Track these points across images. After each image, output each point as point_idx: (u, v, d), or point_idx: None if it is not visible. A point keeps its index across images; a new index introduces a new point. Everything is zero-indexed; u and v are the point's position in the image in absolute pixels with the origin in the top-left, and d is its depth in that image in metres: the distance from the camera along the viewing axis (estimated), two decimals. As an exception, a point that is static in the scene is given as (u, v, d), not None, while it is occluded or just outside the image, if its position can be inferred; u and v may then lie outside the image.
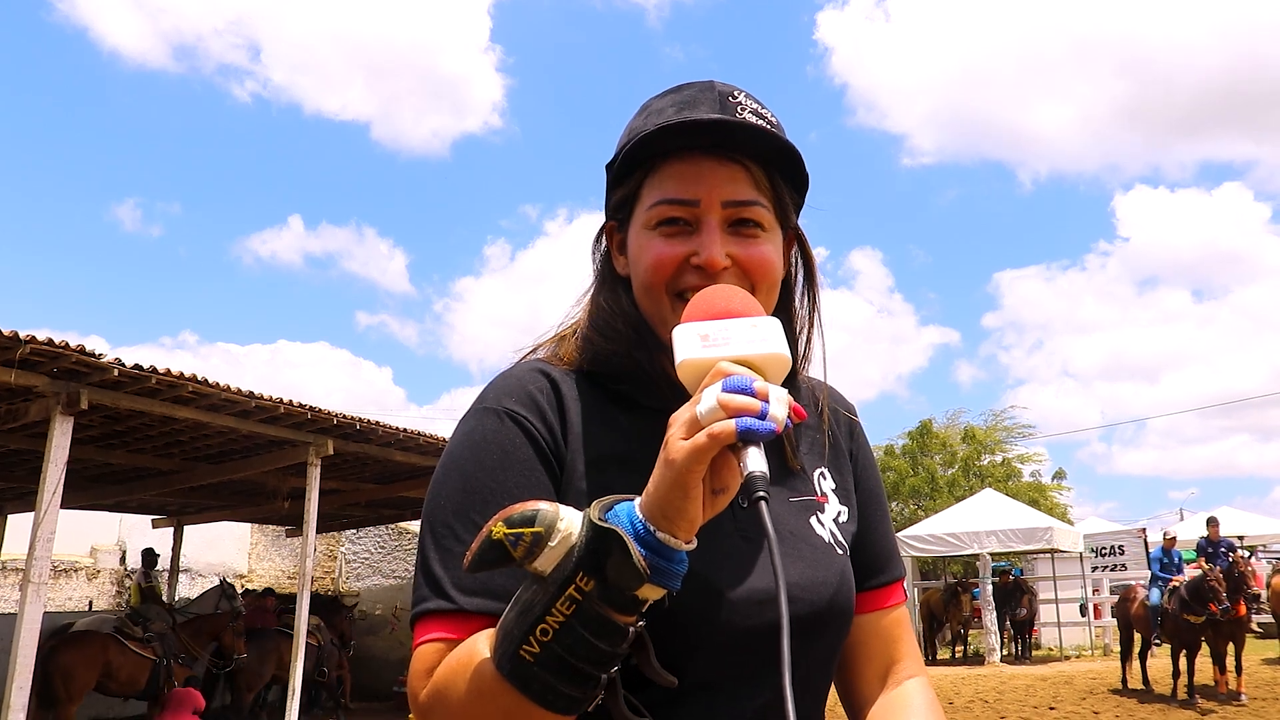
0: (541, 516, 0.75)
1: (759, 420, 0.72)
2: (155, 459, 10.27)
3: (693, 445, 0.72)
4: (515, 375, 1.02)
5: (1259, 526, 22.50)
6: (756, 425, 0.72)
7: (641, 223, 1.01)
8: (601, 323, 1.04)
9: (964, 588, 17.41)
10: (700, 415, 0.73)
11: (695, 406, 0.75)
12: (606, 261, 1.10)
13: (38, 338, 6.46)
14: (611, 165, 1.05)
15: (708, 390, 0.75)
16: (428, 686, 0.85)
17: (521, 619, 0.75)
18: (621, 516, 0.74)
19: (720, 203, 0.97)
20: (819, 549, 1.01)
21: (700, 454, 0.72)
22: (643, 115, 1.03)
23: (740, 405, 0.73)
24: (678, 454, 0.72)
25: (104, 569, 17.36)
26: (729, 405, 0.73)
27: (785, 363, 0.81)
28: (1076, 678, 13.64)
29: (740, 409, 0.73)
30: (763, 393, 0.74)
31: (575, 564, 0.73)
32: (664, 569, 0.73)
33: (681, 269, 0.97)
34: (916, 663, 1.11)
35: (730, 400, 0.73)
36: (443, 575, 0.90)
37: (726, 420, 0.72)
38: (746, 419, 0.72)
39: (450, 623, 0.88)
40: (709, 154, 0.98)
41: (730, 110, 0.97)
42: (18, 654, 6.60)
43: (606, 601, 0.73)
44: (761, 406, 0.73)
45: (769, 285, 1.00)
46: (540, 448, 0.95)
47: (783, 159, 1.00)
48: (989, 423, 28.77)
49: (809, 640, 0.96)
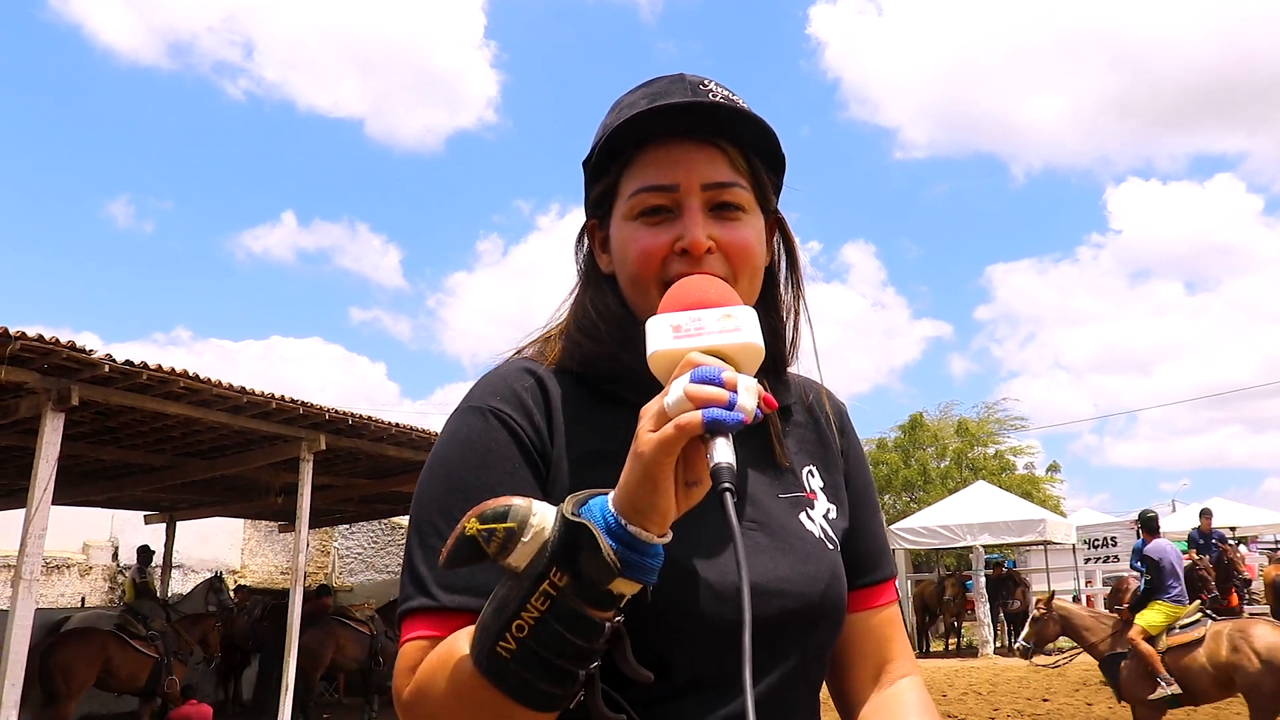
0: (514, 512, 0.74)
1: (726, 410, 0.72)
2: (147, 455, 10.23)
3: (660, 437, 0.72)
4: (501, 374, 1.01)
5: (1251, 517, 22.60)
6: (723, 416, 0.71)
7: (622, 214, 1.00)
8: (587, 323, 1.04)
9: (955, 580, 17.52)
10: (668, 407, 0.73)
11: (664, 398, 0.74)
12: (590, 261, 1.09)
13: (28, 334, 6.42)
14: (588, 162, 1.04)
15: (676, 381, 0.75)
16: (410, 684, 0.85)
17: (497, 615, 0.75)
18: (594, 510, 0.74)
19: (700, 185, 0.96)
20: (810, 543, 1.00)
21: (667, 446, 0.71)
22: (615, 110, 1.03)
23: (707, 396, 0.72)
24: (645, 446, 0.72)
25: (96, 565, 17.29)
26: (696, 396, 0.72)
27: (758, 352, 0.81)
28: (1070, 669, 13.68)
29: (707, 399, 0.72)
30: (731, 383, 0.74)
31: (548, 559, 0.73)
32: (636, 563, 0.72)
33: (668, 258, 0.96)
34: (909, 661, 1.11)
35: (697, 391, 0.72)
36: (426, 573, 0.89)
37: (694, 411, 0.72)
38: (714, 409, 0.72)
39: (433, 620, 0.87)
40: (684, 139, 0.97)
41: (702, 96, 0.98)
42: (9, 651, 6.58)
43: (580, 596, 0.73)
44: (730, 397, 0.73)
45: (752, 269, 0.99)
46: (525, 446, 0.95)
47: (758, 140, 1.00)
48: (981, 415, 28.89)
49: (802, 634, 0.96)
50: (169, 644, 9.92)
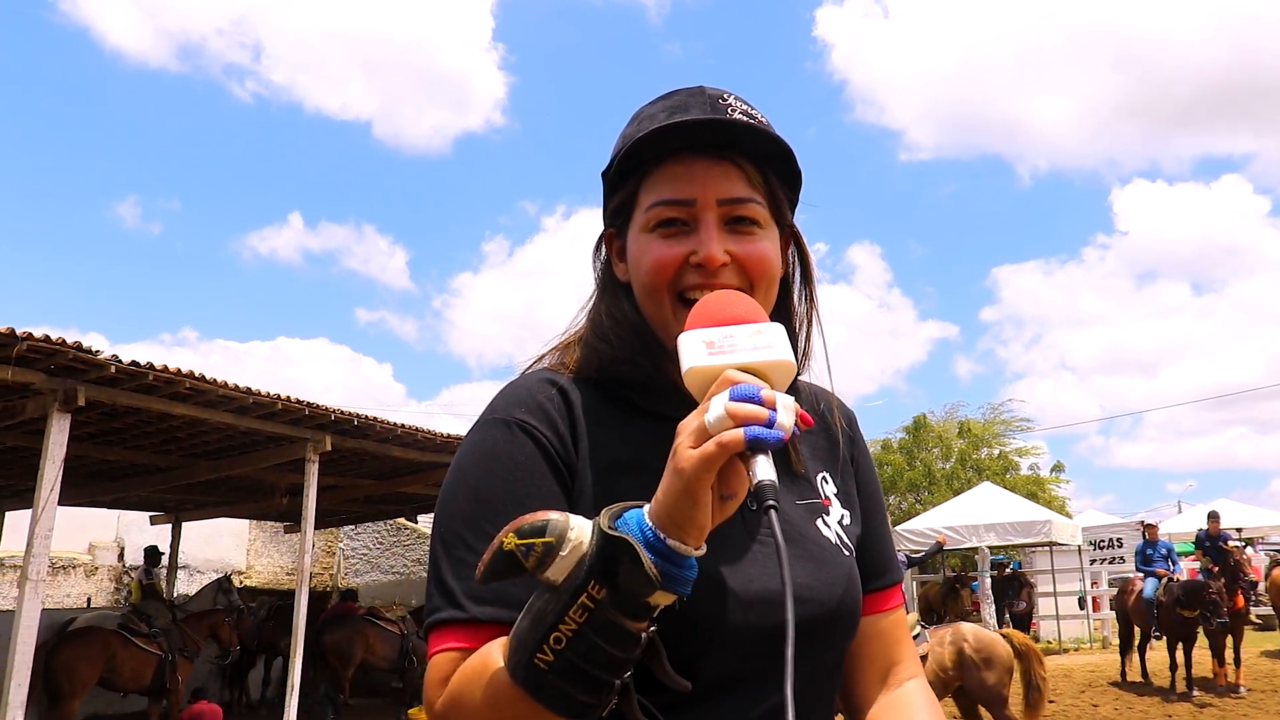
0: (552, 527, 0.75)
1: (767, 429, 0.73)
2: (153, 455, 10.25)
3: (702, 454, 0.72)
4: (524, 385, 1.02)
5: (1257, 518, 22.55)
6: (765, 434, 0.73)
7: (639, 226, 1.02)
8: (605, 330, 1.05)
9: (962, 582, 17.44)
10: (709, 424, 0.74)
11: (703, 415, 0.75)
12: (607, 269, 1.11)
13: (34, 334, 6.44)
14: (607, 173, 1.06)
15: (715, 398, 0.75)
16: (443, 695, 0.86)
17: (535, 627, 0.76)
18: (631, 524, 0.75)
19: (716, 201, 0.98)
20: (827, 550, 1.02)
21: (709, 462, 0.72)
22: (635, 123, 1.05)
23: (748, 414, 0.73)
24: (687, 463, 0.73)
25: (102, 566, 17.35)
26: (737, 414, 0.73)
27: (791, 369, 0.82)
28: (1075, 670, 13.66)
29: (748, 417, 0.73)
30: (770, 400, 0.75)
31: (587, 573, 0.74)
32: (675, 575, 0.73)
33: (682, 269, 0.98)
34: (915, 664, 1.13)
35: (738, 409, 0.73)
36: (455, 585, 0.90)
37: (735, 429, 0.73)
38: (755, 427, 0.73)
39: (463, 632, 0.88)
40: (702, 154, 0.99)
41: (721, 111, 0.99)
42: (16, 651, 6.60)
43: (619, 609, 0.74)
44: (769, 415, 0.74)
45: (767, 282, 1.00)
46: (551, 457, 0.95)
47: (775, 157, 1.02)
48: (987, 416, 28.82)
49: (820, 640, 0.97)
50: (173, 641, 9.92)
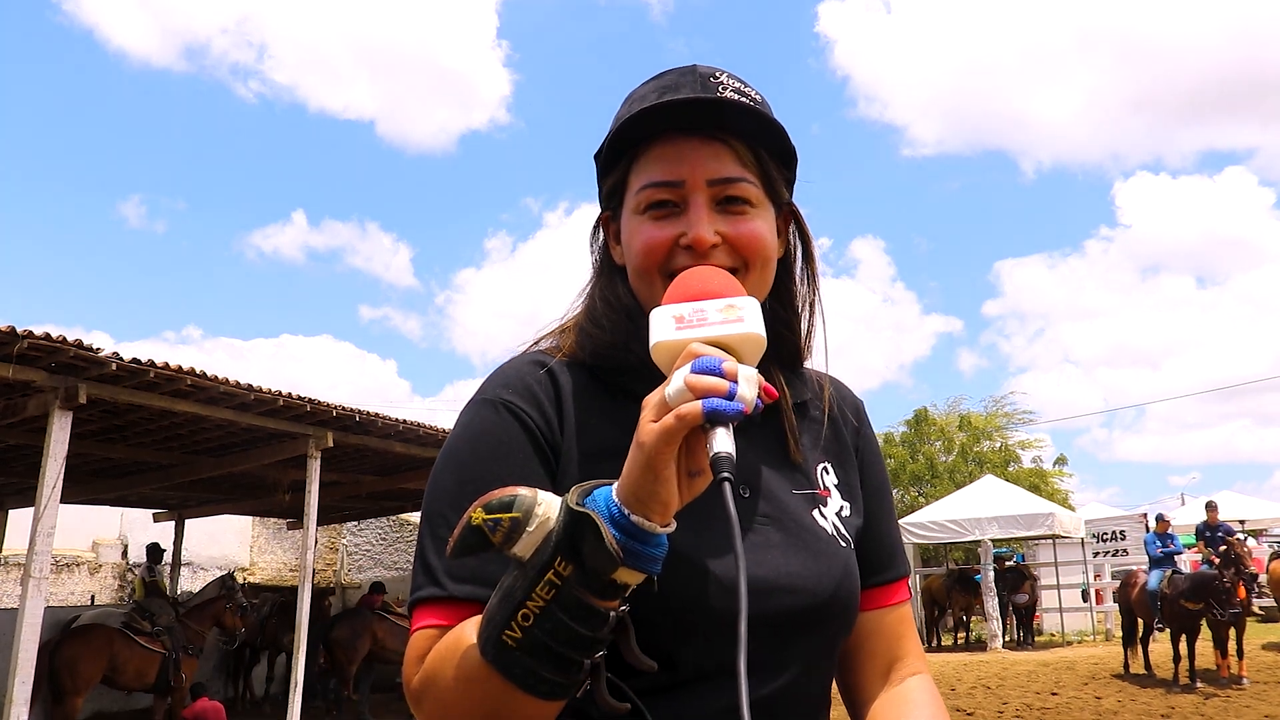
0: (519, 502, 0.75)
1: (726, 400, 0.72)
2: (155, 453, 10.26)
3: (660, 427, 0.72)
4: (514, 367, 1.02)
5: (1259, 511, 22.57)
6: (723, 405, 0.72)
7: (631, 208, 1.01)
8: (599, 314, 1.04)
9: (965, 578, 17.47)
10: (669, 397, 0.74)
11: (665, 389, 0.75)
12: (604, 252, 1.10)
13: (35, 332, 6.45)
14: (599, 155, 1.05)
15: (677, 372, 0.76)
16: (419, 673, 0.86)
17: (503, 604, 0.76)
18: (598, 500, 0.75)
19: (705, 181, 0.97)
20: (823, 540, 1.00)
21: (668, 436, 0.72)
22: (627, 103, 1.04)
23: (707, 386, 0.73)
24: (647, 436, 0.73)
25: (105, 563, 17.38)
26: (696, 386, 0.73)
27: (760, 342, 0.81)
28: (1079, 663, 13.67)
29: (707, 389, 0.73)
30: (731, 373, 0.74)
31: (553, 549, 0.74)
32: (639, 552, 0.73)
33: (672, 251, 0.97)
34: (919, 660, 1.11)
35: (698, 381, 0.73)
36: (436, 563, 0.90)
37: (694, 401, 0.72)
38: (713, 399, 0.72)
39: (443, 610, 0.88)
40: (692, 134, 0.98)
41: (711, 90, 0.98)
42: (20, 648, 6.62)
43: (585, 586, 0.73)
44: (730, 387, 0.73)
45: (762, 262, 0.99)
46: (536, 438, 0.95)
47: (767, 134, 1.00)
48: (989, 409, 28.78)
49: (813, 631, 0.96)
50: (176, 639, 9.94)
